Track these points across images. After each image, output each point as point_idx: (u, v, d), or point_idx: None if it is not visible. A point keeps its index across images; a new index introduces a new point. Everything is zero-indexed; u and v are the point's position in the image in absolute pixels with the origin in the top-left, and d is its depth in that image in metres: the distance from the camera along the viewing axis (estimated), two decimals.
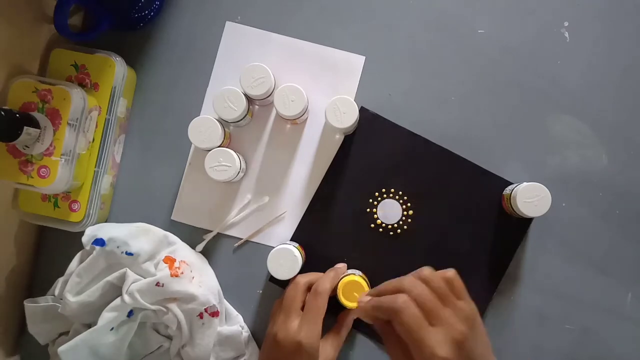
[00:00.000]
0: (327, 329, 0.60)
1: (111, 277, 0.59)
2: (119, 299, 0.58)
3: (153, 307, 0.58)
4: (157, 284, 0.58)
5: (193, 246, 0.66)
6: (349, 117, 0.61)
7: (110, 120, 0.64)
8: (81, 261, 0.61)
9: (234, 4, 0.68)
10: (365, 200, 0.66)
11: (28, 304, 0.62)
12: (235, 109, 0.62)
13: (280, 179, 0.67)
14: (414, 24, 0.67)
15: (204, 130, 0.62)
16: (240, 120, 0.63)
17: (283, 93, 0.61)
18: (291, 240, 0.67)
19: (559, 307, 0.65)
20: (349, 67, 0.67)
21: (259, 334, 0.66)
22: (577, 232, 0.65)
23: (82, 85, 0.63)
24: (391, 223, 0.66)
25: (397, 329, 0.45)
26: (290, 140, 0.67)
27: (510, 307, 0.65)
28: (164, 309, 0.59)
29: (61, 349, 0.56)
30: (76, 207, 0.63)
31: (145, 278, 0.59)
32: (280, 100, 0.61)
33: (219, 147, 0.63)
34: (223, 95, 0.62)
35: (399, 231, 0.66)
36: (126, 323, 0.59)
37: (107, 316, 0.57)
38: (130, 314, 0.59)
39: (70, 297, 0.58)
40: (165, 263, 0.61)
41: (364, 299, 0.49)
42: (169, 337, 0.62)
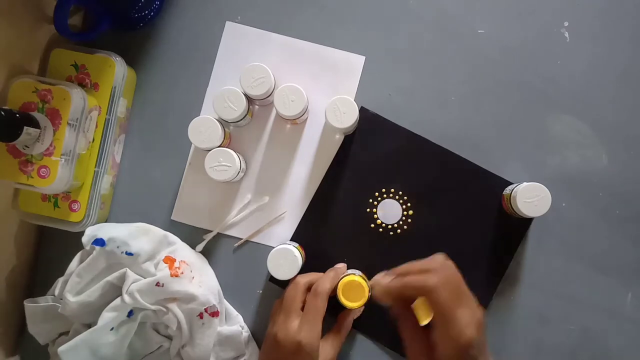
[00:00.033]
0: (327, 329, 0.59)
1: (111, 277, 0.59)
2: (119, 299, 0.58)
3: (153, 307, 0.58)
4: (157, 284, 0.58)
5: (193, 246, 0.66)
6: (349, 117, 0.61)
7: (110, 120, 0.64)
8: (81, 261, 0.61)
9: (234, 4, 0.68)
10: (365, 200, 0.66)
11: (28, 304, 0.62)
12: (235, 109, 0.62)
13: (280, 179, 0.67)
14: (414, 24, 0.67)
15: (204, 130, 0.62)
16: (240, 120, 0.63)
17: (283, 93, 0.61)
18: (291, 240, 0.67)
19: (559, 307, 0.65)
20: (349, 67, 0.67)
21: (259, 334, 0.66)
22: (577, 232, 0.65)
23: (82, 85, 0.63)
24: (391, 223, 0.66)
25: (430, 305, 0.47)
26: (290, 140, 0.67)
27: (510, 307, 0.65)
28: (164, 309, 0.59)
29: (61, 349, 0.56)
30: (76, 207, 0.63)
31: (145, 278, 0.59)
32: (280, 100, 0.61)
33: (219, 147, 0.63)
34: (223, 95, 0.62)
35: (399, 231, 0.66)
36: (126, 323, 0.59)
37: (107, 316, 0.57)
38: (130, 314, 0.59)
39: (70, 297, 0.58)
40: (165, 263, 0.61)
41: (384, 278, 0.51)
42: (169, 337, 0.62)
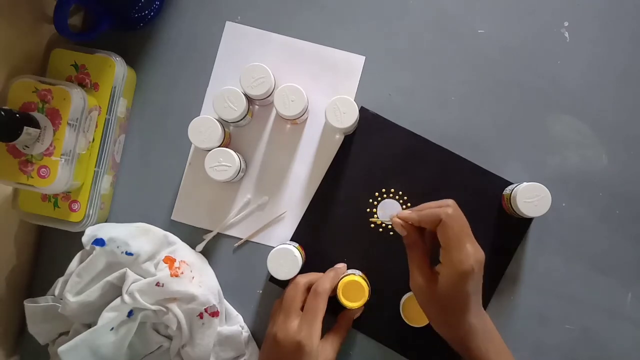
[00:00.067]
0: (327, 329, 0.59)
1: (111, 277, 0.59)
2: (119, 299, 0.58)
3: (153, 307, 0.58)
4: (157, 284, 0.58)
5: (193, 246, 0.66)
6: (349, 117, 0.61)
7: (110, 120, 0.64)
8: (81, 261, 0.61)
9: (234, 4, 0.68)
10: (365, 200, 0.66)
11: (28, 304, 0.62)
12: (235, 109, 0.62)
13: (280, 179, 0.67)
14: (414, 24, 0.67)
15: (204, 130, 0.62)
16: (240, 120, 0.63)
17: (283, 93, 0.61)
18: (291, 240, 0.67)
19: (559, 307, 0.65)
20: (349, 67, 0.67)
21: (259, 334, 0.66)
22: (577, 232, 0.65)
23: (82, 85, 0.63)
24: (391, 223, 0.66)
25: (439, 233, 0.53)
26: (290, 140, 0.67)
27: (510, 307, 0.65)
28: (164, 309, 0.59)
29: (61, 349, 0.56)
30: (76, 207, 0.63)
31: (145, 278, 0.59)
32: (280, 100, 0.61)
33: (219, 147, 0.63)
34: (223, 95, 0.62)
35: None
36: (126, 323, 0.59)
37: (107, 316, 0.57)
38: (130, 314, 0.59)
39: (70, 297, 0.58)
40: (165, 263, 0.61)
41: (405, 212, 0.57)
42: (169, 337, 0.62)
